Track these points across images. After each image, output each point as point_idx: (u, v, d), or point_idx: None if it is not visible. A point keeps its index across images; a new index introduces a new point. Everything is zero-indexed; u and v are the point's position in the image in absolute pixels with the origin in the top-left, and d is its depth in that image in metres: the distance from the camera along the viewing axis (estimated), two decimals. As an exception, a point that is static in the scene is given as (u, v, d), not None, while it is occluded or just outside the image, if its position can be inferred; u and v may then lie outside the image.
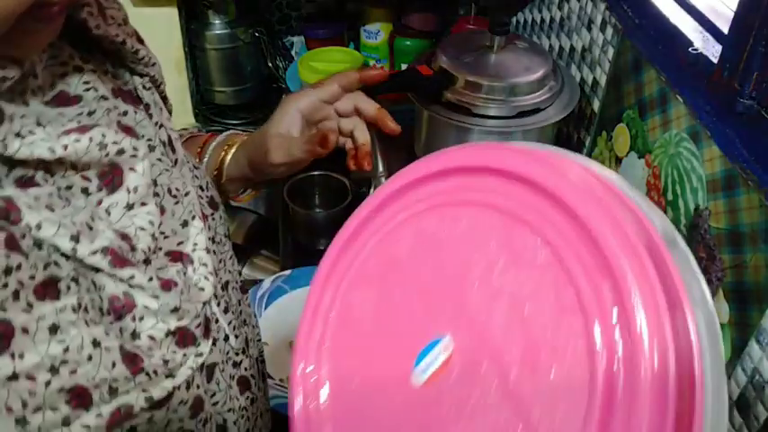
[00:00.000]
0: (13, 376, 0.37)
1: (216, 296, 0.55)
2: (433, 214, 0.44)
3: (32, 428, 0.38)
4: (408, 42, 1.52)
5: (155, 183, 0.50)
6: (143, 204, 0.47)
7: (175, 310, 0.46)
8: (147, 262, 0.47)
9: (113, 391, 0.42)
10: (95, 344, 0.41)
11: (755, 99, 0.77)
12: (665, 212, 0.92)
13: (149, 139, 0.50)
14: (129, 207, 0.46)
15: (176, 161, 0.55)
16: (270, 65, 1.59)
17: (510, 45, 1.06)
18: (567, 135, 1.25)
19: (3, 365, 0.36)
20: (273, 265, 1.63)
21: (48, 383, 0.38)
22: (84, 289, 0.42)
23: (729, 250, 0.78)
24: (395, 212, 0.46)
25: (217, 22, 1.48)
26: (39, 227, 0.39)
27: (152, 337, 0.45)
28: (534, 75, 1.01)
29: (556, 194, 0.36)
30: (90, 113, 0.45)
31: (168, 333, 0.46)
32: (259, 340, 0.71)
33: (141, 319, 0.45)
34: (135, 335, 0.44)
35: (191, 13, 1.49)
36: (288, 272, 1.16)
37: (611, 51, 1.08)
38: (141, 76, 0.54)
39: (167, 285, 0.46)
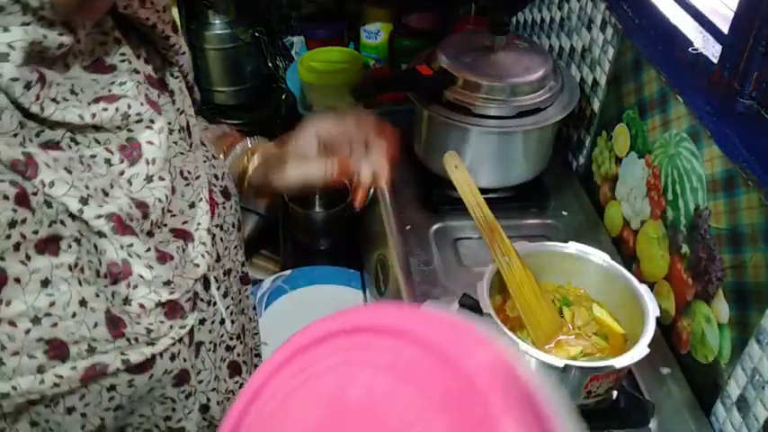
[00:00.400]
0: None
1: (216, 280, 0.57)
2: (329, 376, 0.41)
3: (7, 370, 0.41)
4: (408, 42, 1.52)
5: (168, 163, 0.51)
6: (161, 179, 0.49)
7: (168, 282, 0.48)
8: (150, 234, 0.49)
9: (91, 350, 0.44)
10: (82, 303, 0.43)
11: (755, 99, 0.77)
12: (665, 212, 0.92)
13: (169, 122, 0.53)
14: (149, 179, 0.48)
15: (192, 145, 0.57)
16: (270, 65, 1.59)
17: (510, 45, 1.06)
18: (567, 135, 1.25)
19: None
20: (273, 265, 1.63)
21: (28, 331, 0.41)
22: (85, 250, 0.44)
23: (729, 250, 0.78)
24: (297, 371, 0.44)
25: (217, 22, 1.48)
26: (51, 185, 0.41)
27: (142, 306, 0.47)
28: (534, 75, 1.01)
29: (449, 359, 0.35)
30: (121, 84, 0.47)
31: (158, 304, 0.48)
32: (257, 333, 0.72)
33: (135, 287, 0.47)
34: (127, 301, 0.46)
35: (191, 13, 1.49)
36: (288, 272, 1.16)
37: (611, 51, 1.08)
38: (171, 64, 0.56)
39: (163, 258, 0.48)
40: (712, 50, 0.86)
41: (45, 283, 0.41)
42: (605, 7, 1.09)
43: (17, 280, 0.40)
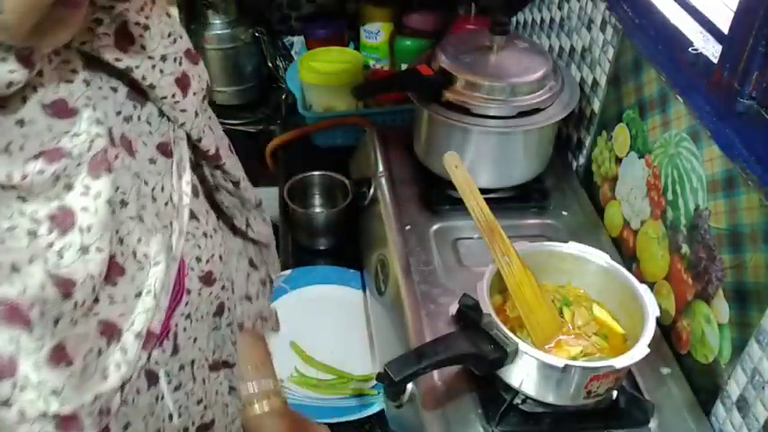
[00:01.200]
0: None
1: (168, 374, 0.53)
2: None
3: None
4: (408, 42, 1.52)
5: (120, 240, 0.46)
6: (99, 250, 0.42)
7: (55, 392, 0.41)
8: (57, 323, 0.41)
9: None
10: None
11: (755, 99, 0.77)
12: (665, 212, 0.92)
13: (124, 192, 0.47)
14: (84, 250, 0.42)
15: (180, 231, 0.52)
16: (270, 65, 1.59)
17: (510, 45, 1.06)
18: (567, 135, 1.25)
19: None
20: (273, 265, 1.63)
21: None
22: None
23: (729, 250, 0.78)
24: None
25: (217, 22, 1.48)
26: None
27: (22, 413, 0.40)
28: (534, 75, 1.01)
29: None
30: (75, 135, 0.41)
31: (43, 415, 0.41)
32: (236, 418, 0.67)
33: (22, 389, 0.40)
34: (6, 403, 0.40)
35: (191, 13, 1.49)
36: (288, 272, 1.16)
37: (611, 51, 1.08)
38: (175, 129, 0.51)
39: (58, 360, 0.41)
40: (712, 50, 0.86)
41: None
42: (605, 7, 1.09)
43: None
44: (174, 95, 0.50)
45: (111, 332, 0.45)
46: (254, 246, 0.75)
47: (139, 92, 0.48)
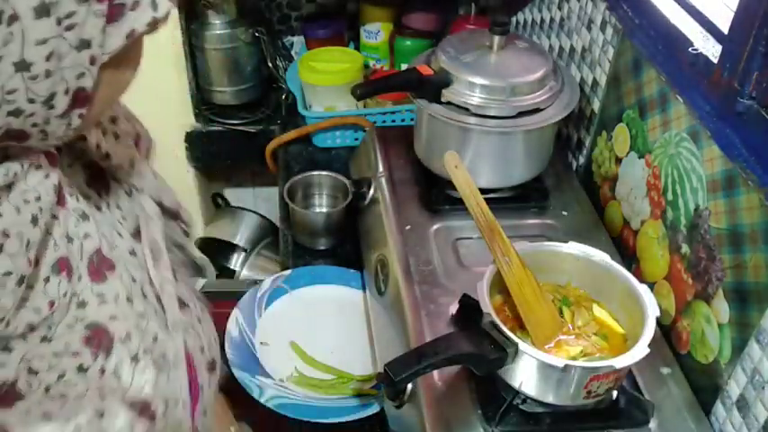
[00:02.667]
0: None
1: None
2: None
3: None
4: (408, 42, 1.52)
5: (149, 348, 0.46)
6: (145, 353, 0.42)
7: None
8: None
9: None
10: None
11: (755, 99, 0.77)
12: (665, 212, 0.92)
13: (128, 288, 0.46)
14: (136, 360, 0.42)
15: (166, 326, 0.50)
16: (270, 65, 1.59)
17: (510, 45, 1.06)
18: (567, 135, 1.25)
19: None
20: (273, 265, 1.63)
21: None
22: None
23: (729, 250, 0.78)
24: None
25: (217, 22, 1.48)
26: None
27: None
28: (534, 75, 1.01)
29: None
30: (69, 239, 0.40)
31: None
32: None
33: None
34: None
35: (191, 13, 1.49)
36: (288, 272, 1.16)
37: (611, 51, 1.08)
38: (143, 207, 0.50)
39: None
40: (712, 50, 0.86)
41: None
42: (605, 7, 1.09)
43: None
44: (132, 162, 0.48)
45: None
46: None
47: (99, 177, 0.47)
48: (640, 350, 0.71)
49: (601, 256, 0.83)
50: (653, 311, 0.75)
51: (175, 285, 0.52)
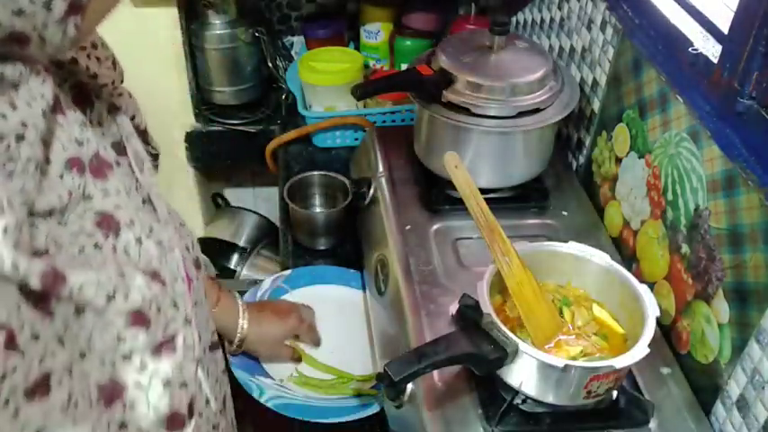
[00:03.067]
0: None
1: (200, 361, 0.54)
2: None
3: None
4: (408, 42, 1.52)
5: (150, 230, 0.49)
6: (148, 237, 0.47)
7: (167, 383, 0.45)
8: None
9: None
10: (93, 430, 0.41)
11: (755, 99, 0.77)
12: (665, 212, 0.92)
13: (127, 188, 0.50)
14: (139, 241, 0.46)
15: (165, 222, 0.54)
16: (270, 65, 1.59)
17: (510, 45, 1.06)
18: (567, 135, 1.25)
19: None
20: (273, 265, 1.63)
21: None
22: (76, 379, 0.41)
23: (729, 250, 0.78)
24: None
25: (217, 22, 1.48)
26: (80, 288, 0.40)
27: (140, 430, 0.44)
28: (534, 75, 1.01)
29: None
30: (79, 142, 0.44)
31: (156, 422, 0.45)
32: (230, 394, 0.71)
33: (132, 407, 0.44)
34: (123, 426, 0.43)
35: (191, 13, 1.49)
36: (288, 272, 1.16)
37: (611, 51, 1.08)
38: (120, 123, 0.53)
39: (162, 351, 0.46)
40: (712, 50, 0.86)
41: (72, 418, 0.39)
42: (605, 7, 1.09)
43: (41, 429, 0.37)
44: (113, 82, 0.53)
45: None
46: None
47: (85, 96, 0.50)
48: (640, 350, 0.71)
49: (601, 256, 0.83)
50: (653, 311, 0.75)
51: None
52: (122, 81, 0.57)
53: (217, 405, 0.59)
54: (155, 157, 0.64)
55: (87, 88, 0.50)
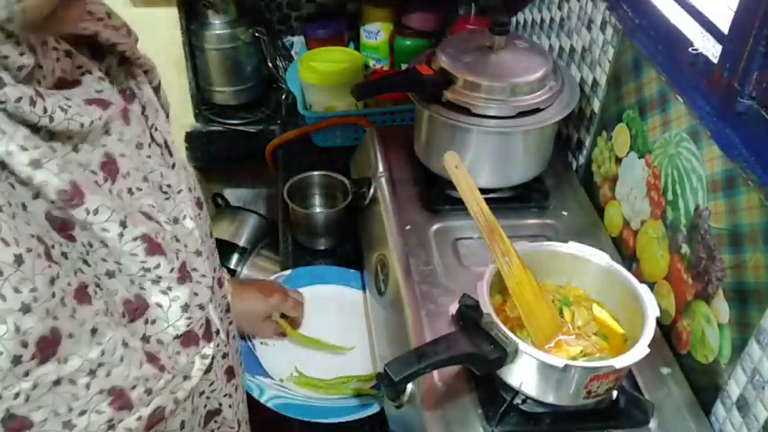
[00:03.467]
0: (57, 381, 0.39)
1: (212, 291, 0.57)
2: None
3: (79, 431, 0.40)
4: (408, 42, 1.52)
5: (145, 179, 0.50)
6: (138, 189, 0.48)
7: (185, 307, 0.48)
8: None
9: (148, 392, 0.44)
10: (125, 344, 0.43)
11: (755, 99, 0.77)
12: (665, 212, 0.92)
13: (138, 135, 0.51)
14: (130, 192, 0.47)
15: (173, 165, 0.56)
16: (270, 65, 1.59)
17: (510, 45, 1.06)
18: (567, 135, 1.25)
19: (49, 371, 0.38)
20: (273, 265, 1.63)
21: (88, 386, 0.40)
22: (106, 293, 0.43)
23: (729, 250, 0.78)
24: None
25: (217, 22, 1.48)
26: (96, 211, 0.41)
27: (160, 341, 0.47)
28: (534, 75, 1.01)
29: None
30: (98, 91, 0.46)
31: (175, 337, 0.48)
32: (236, 332, 0.73)
33: (154, 322, 0.46)
34: (144, 338, 0.46)
35: (191, 13, 1.49)
36: (288, 272, 1.16)
37: (611, 51, 1.08)
38: (134, 75, 0.55)
39: (183, 278, 0.48)
40: (712, 50, 0.86)
41: (93, 332, 0.41)
42: (605, 7, 1.09)
43: (70, 335, 0.39)
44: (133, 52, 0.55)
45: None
46: None
47: (97, 49, 0.52)
48: (640, 350, 0.71)
49: (601, 256, 0.83)
50: (653, 311, 0.75)
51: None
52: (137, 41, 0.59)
53: (224, 335, 0.61)
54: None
55: (97, 42, 0.51)
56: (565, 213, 1.10)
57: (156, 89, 0.60)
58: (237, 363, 0.67)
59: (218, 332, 0.58)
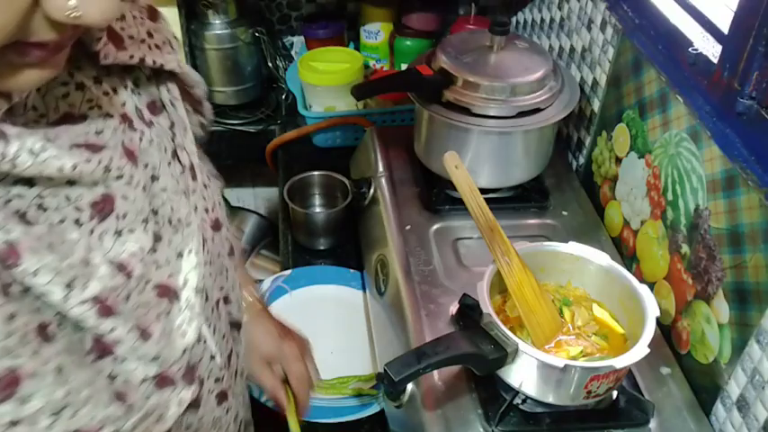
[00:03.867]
0: (15, 422, 0.37)
1: (207, 319, 0.55)
2: None
3: None
4: (408, 42, 1.52)
5: (154, 212, 0.49)
6: (130, 231, 0.46)
7: (155, 358, 0.46)
8: (128, 299, 0.45)
9: None
10: (90, 384, 0.41)
11: (755, 99, 0.77)
12: (665, 212, 0.92)
13: (153, 167, 0.50)
14: (119, 233, 0.45)
15: (194, 190, 0.54)
16: (270, 65, 1.59)
17: (510, 45, 1.06)
18: (567, 135, 1.25)
19: (6, 412, 0.36)
20: (273, 265, 1.63)
21: (50, 427, 0.39)
22: (69, 332, 0.41)
23: (729, 250, 0.78)
24: None
25: (217, 22, 1.48)
26: (36, 273, 0.38)
27: (127, 381, 0.45)
28: (534, 75, 1.01)
29: None
30: (98, 133, 0.44)
31: (145, 379, 0.46)
32: (240, 351, 0.70)
33: (123, 361, 0.44)
34: (111, 377, 0.44)
35: (191, 13, 1.49)
36: (288, 272, 1.16)
37: (611, 51, 1.08)
38: (168, 89, 0.53)
39: (146, 336, 0.45)
40: (712, 50, 0.86)
41: (59, 370, 0.39)
42: (605, 7, 1.09)
43: (33, 374, 0.38)
44: (163, 64, 0.52)
45: (167, 293, 0.48)
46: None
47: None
48: (640, 350, 0.71)
49: (601, 256, 0.83)
50: (653, 311, 0.75)
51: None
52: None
53: (222, 360, 0.59)
54: (202, 127, 0.64)
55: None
56: (565, 213, 1.10)
57: (199, 103, 0.58)
58: (234, 382, 0.64)
59: (212, 358, 0.56)
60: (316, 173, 1.28)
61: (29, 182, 0.39)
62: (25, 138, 0.37)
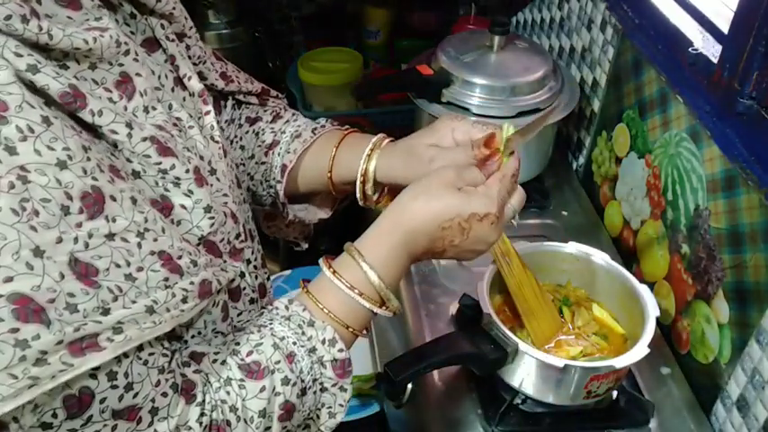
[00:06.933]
0: (110, 236, 0.42)
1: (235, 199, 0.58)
2: None
3: (140, 284, 0.43)
4: (408, 42, 1.52)
5: (158, 100, 0.51)
6: (153, 108, 0.49)
7: (208, 208, 0.50)
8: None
9: (194, 264, 0.47)
10: (163, 220, 0.46)
11: (755, 99, 0.77)
12: (665, 212, 0.92)
13: (159, 77, 0.53)
14: (146, 110, 0.48)
15: (207, 112, 0.57)
16: (270, 65, 1.59)
17: (510, 45, 1.06)
18: (567, 135, 1.25)
19: (100, 226, 0.41)
20: (273, 265, 1.63)
21: (139, 245, 0.43)
22: (139, 182, 0.46)
23: (729, 250, 0.78)
24: None
25: (217, 22, 1.48)
26: (100, 113, 0.43)
27: (187, 241, 0.49)
28: (534, 75, 1.01)
29: None
30: (97, 19, 0.46)
31: (200, 239, 0.50)
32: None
33: (179, 223, 0.49)
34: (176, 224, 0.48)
35: (191, 14, 1.48)
36: (288, 272, 1.16)
37: (611, 51, 1.08)
38: (162, 26, 0.55)
39: (200, 181, 0.49)
40: (712, 50, 0.86)
41: (134, 201, 0.43)
42: (605, 7, 1.09)
43: (113, 198, 0.42)
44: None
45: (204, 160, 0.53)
46: None
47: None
48: (640, 350, 0.71)
49: (601, 256, 0.83)
50: (653, 311, 0.75)
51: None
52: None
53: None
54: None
55: None
56: (565, 213, 1.10)
57: (185, 36, 0.60)
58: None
59: (238, 236, 0.57)
60: (316, 173, 1.27)
61: (62, 66, 0.43)
62: (52, 18, 0.42)
